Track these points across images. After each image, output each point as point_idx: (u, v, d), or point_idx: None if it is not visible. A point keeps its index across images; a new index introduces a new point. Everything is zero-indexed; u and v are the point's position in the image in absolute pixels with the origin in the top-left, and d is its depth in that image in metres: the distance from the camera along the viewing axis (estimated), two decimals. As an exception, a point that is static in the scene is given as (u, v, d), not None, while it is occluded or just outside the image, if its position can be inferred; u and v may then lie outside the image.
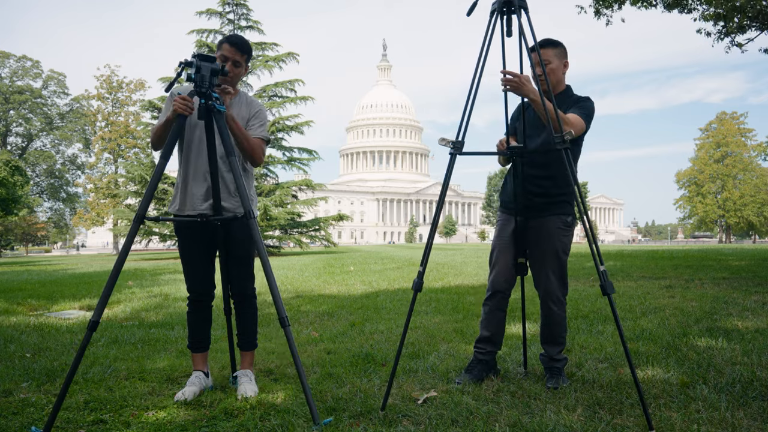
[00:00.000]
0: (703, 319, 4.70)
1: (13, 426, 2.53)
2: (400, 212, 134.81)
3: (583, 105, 3.05)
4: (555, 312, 3.11)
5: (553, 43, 3.08)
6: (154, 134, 2.91)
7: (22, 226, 54.40)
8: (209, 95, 2.67)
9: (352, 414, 2.56)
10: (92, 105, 52.81)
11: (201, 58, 2.67)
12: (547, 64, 3.03)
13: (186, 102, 2.70)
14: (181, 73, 2.66)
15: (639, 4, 11.47)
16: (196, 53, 2.69)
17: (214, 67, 2.68)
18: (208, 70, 2.66)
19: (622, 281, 8.18)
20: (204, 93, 2.66)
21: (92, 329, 2.56)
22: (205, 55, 2.69)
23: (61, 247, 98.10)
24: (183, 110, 2.70)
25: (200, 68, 2.66)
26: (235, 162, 2.73)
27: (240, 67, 2.98)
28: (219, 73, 2.70)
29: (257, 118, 3.06)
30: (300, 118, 28.97)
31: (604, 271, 2.51)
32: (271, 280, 2.67)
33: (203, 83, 2.66)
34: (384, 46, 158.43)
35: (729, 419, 2.35)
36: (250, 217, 2.72)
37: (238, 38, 2.98)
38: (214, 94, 2.68)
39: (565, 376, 3.04)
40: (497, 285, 3.18)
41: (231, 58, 2.94)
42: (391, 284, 8.91)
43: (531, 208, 3.08)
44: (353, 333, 4.57)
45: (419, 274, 2.74)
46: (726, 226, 67.19)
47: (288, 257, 23.35)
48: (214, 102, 2.68)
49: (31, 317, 6.09)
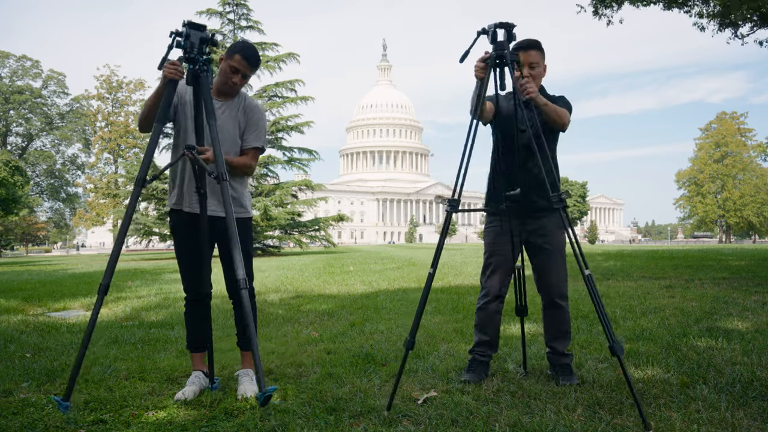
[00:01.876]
0: (703, 319, 4.70)
1: (13, 426, 2.53)
2: (400, 212, 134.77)
3: (565, 102, 3.10)
4: (563, 308, 3.14)
5: (539, 45, 3.07)
6: (144, 110, 2.88)
7: (22, 226, 54.42)
8: (197, 60, 2.68)
9: (352, 414, 2.56)
10: (92, 105, 52.87)
11: (191, 26, 2.68)
12: (536, 66, 3.03)
13: (175, 66, 2.70)
14: (172, 44, 2.67)
15: (638, 3, 11.47)
16: (186, 21, 2.69)
17: (203, 36, 2.69)
18: (197, 38, 2.68)
19: (622, 281, 8.18)
20: (192, 59, 2.67)
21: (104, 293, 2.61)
22: (195, 23, 2.69)
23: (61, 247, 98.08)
24: (173, 75, 2.70)
25: (189, 35, 2.67)
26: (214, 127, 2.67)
27: (246, 79, 2.96)
28: (208, 42, 2.71)
29: (254, 128, 3.02)
30: (300, 118, 28.98)
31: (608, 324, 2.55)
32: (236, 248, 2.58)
33: (192, 49, 2.67)
34: (384, 46, 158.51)
35: (729, 419, 2.35)
36: (223, 179, 2.63)
37: (253, 53, 2.93)
38: (201, 58, 2.69)
39: (576, 375, 3.04)
40: (497, 289, 3.17)
41: (242, 71, 2.91)
42: (391, 284, 8.91)
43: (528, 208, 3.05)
44: (353, 333, 4.57)
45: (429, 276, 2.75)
46: (726, 226, 67.20)
47: (288, 257, 23.35)
48: (201, 66, 2.69)
49: (31, 317, 6.09)
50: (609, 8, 11.82)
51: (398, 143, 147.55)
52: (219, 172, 2.65)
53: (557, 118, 2.97)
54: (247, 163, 3.03)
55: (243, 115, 3.01)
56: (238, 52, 2.89)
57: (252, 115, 3.02)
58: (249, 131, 3.02)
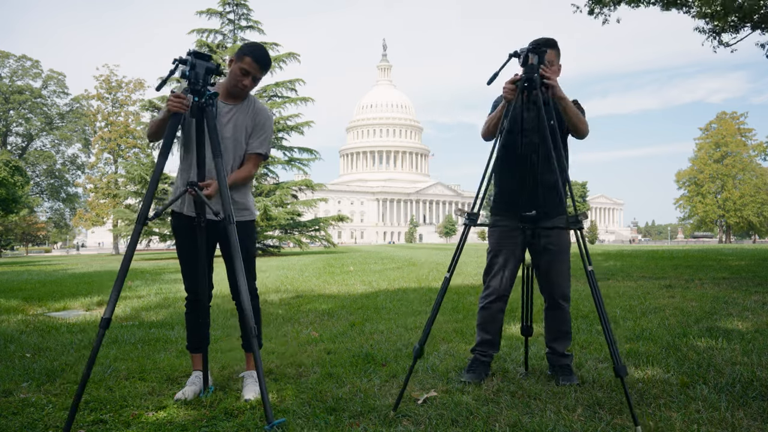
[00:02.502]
0: (703, 319, 4.70)
1: (13, 426, 2.53)
2: (400, 212, 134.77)
3: (581, 108, 3.07)
4: (564, 309, 3.14)
5: (555, 44, 3.07)
6: (151, 127, 2.88)
7: (22, 226, 54.41)
8: (203, 93, 2.63)
9: (352, 414, 2.56)
10: (92, 105, 52.82)
11: (196, 55, 2.63)
12: (552, 65, 3.00)
13: (180, 100, 2.65)
14: (174, 70, 2.62)
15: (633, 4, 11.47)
16: (191, 51, 2.63)
17: (209, 66, 2.63)
18: (203, 69, 2.62)
19: (622, 281, 8.18)
20: (198, 91, 2.63)
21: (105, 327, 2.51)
22: (201, 53, 2.64)
23: (61, 247, 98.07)
24: (177, 108, 2.65)
25: (195, 65, 2.61)
26: (220, 164, 2.66)
27: (256, 82, 2.90)
28: (214, 73, 2.65)
29: (261, 132, 2.98)
30: (300, 118, 29.00)
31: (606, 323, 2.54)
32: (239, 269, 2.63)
33: (197, 81, 2.61)
34: (384, 46, 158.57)
35: (729, 419, 2.35)
36: (230, 222, 2.65)
37: (263, 55, 2.87)
38: (207, 92, 2.64)
39: (576, 375, 3.04)
40: (503, 289, 3.17)
41: (252, 73, 2.86)
42: (391, 284, 8.91)
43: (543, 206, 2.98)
44: (353, 333, 4.57)
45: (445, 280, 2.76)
46: (726, 226, 67.20)
47: (288, 257, 23.35)
48: (207, 100, 2.64)
49: (31, 317, 6.09)
50: (606, 7, 11.82)
51: (398, 143, 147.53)
52: (227, 213, 2.62)
53: (578, 122, 2.95)
54: (248, 175, 2.99)
55: (251, 119, 2.96)
56: (248, 54, 2.83)
57: (259, 119, 2.97)
58: (254, 136, 2.98)
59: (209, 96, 2.65)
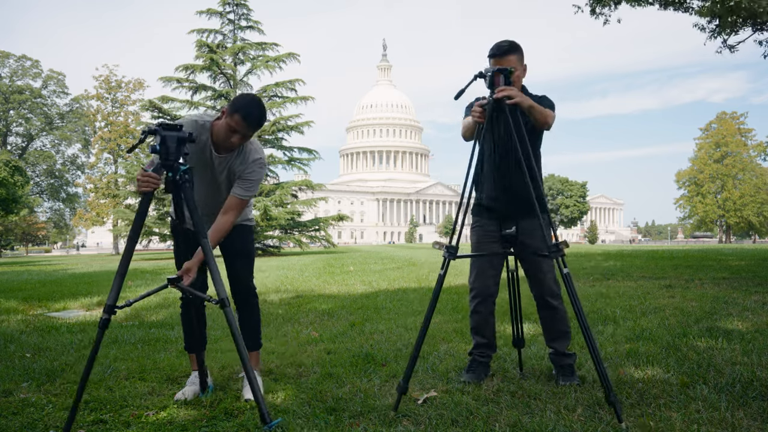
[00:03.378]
0: (703, 319, 4.70)
1: (13, 426, 2.53)
2: (400, 212, 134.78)
3: (548, 102, 3.05)
4: (557, 308, 3.12)
5: (515, 48, 2.97)
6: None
7: (22, 226, 54.44)
8: (177, 168, 2.46)
9: (352, 414, 2.56)
10: (92, 105, 52.85)
11: (165, 127, 2.43)
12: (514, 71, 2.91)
13: (149, 180, 2.48)
14: (143, 140, 2.41)
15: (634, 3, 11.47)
16: (159, 123, 2.44)
17: (181, 136, 2.44)
18: (174, 141, 2.42)
19: (622, 281, 8.18)
20: (171, 166, 2.45)
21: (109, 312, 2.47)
22: (170, 123, 2.46)
23: (61, 247, 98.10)
24: (146, 189, 2.49)
25: (165, 139, 2.41)
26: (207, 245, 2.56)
27: (247, 139, 2.76)
28: (187, 142, 2.46)
29: (247, 178, 2.84)
30: (300, 118, 29.01)
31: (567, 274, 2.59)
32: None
33: (168, 156, 2.42)
34: (384, 46, 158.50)
35: (729, 419, 2.35)
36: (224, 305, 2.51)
37: (253, 113, 2.67)
38: (181, 167, 2.47)
39: (577, 375, 3.04)
40: (488, 290, 3.16)
41: (240, 132, 2.70)
42: (391, 284, 8.91)
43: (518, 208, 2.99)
44: (353, 333, 4.57)
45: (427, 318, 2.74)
46: (726, 226, 67.22)
47: (288, 257, 23.36)
48: (182, 176, 2.48)
49: (31, 317, 6.10)
50: (607, 7, 11.81)
51: (398, 143, 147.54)
52: (221, 297, 2.50)
53: (542, 118, 2.95)
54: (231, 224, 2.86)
55: (241, 161, 2.85)
56: (238, 111, 2.65)
57: (247, 164, 2.83)
58: (241, 182, 2.86)
59: (184, 172, 2.48)
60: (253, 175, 2.86)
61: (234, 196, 2.87)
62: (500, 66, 2.84)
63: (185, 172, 2.48)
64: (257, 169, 2.86)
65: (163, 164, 2.45)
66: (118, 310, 2.49)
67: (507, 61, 2.93)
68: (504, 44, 2.96)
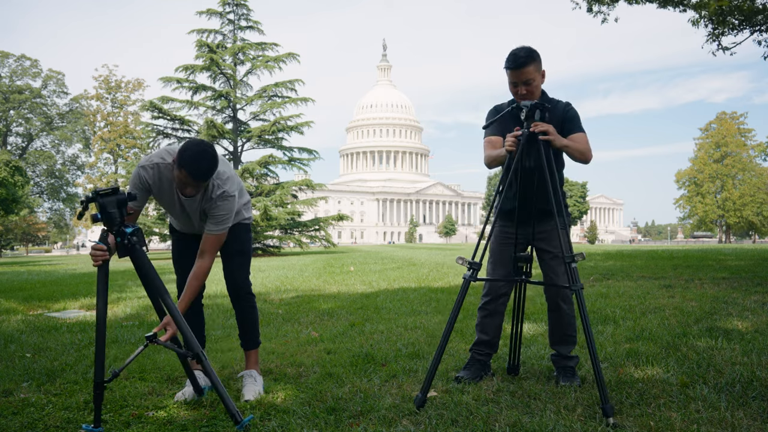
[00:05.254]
0: (703, 319, 4.70)
1: (13, 426, 2.53)
2: (400, 212, 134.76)
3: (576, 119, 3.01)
4: (565, 310, 3.11)
5: (532, 57, 2.87)
6: None
7: (23, 226, 54.43)
8: (123, 232, 2.40)
9: (352, 414, 2.56)
10: (91, 105, 52.89)
11: (101, 194, 2.35)
12: (532, 82, 2.89)
13: (99, 253, 2.43)
14: (85, 208, 2.35)
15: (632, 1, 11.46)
16: (94, 190, 2.37)
17: (120, 198, 2.38)
18: (114, 204, 2.36)
19: (621, 281, 8.18)
20: (119, 232, 2.39)
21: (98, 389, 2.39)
22: (105, 189, 2.37)
23: (61, 247, 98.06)
24: (97, 262, 2.44)
25: (104, 206, 2.35)
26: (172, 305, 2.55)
27: (201, 187, 2.69)
28: (127, 201, 2.41)
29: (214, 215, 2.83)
30: (300, 118, 29.02)
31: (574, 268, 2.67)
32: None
33: (113, 222, 2.37)
34: (384, 46, 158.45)
35: (729, 419, 2.35)
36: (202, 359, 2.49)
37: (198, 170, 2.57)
38: (127, 229, 2.41)
39: (578, 377, 3.04)
40: (499, 289, 3.17)
41: (190, 184, 2.64)
42: (391, 284, 8.91)
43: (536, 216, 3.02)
44: (353, 333, 4.57)
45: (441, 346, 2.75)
46: (726, 226, 67.23)
47: (288, 257, 23.36)
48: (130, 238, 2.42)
49: (31, 317, 6.09)
50: (604, 5, 11.80)
51: (398, 143, 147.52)
52: (195, 352, 2.46)
53: (580, 156, 2.92)
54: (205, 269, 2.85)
55: (207, 203, 2.83)
56: (184, 166, 2.57)
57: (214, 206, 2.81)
58: (210, 219, 2.85)
59: (131, 233, 2.42)
60: (219, 210, 2.81)
61: (207, 234, 2.85)
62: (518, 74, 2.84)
63: (132, 233, 2.43)
64: (221, 204, 2.81)
65: (109, 231, 2.42)
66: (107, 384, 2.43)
67: (525, 73, 2.86)
68: (521, 54, 2.85)
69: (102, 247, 2.44)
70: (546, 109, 2.76)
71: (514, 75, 2.88)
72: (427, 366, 3.36)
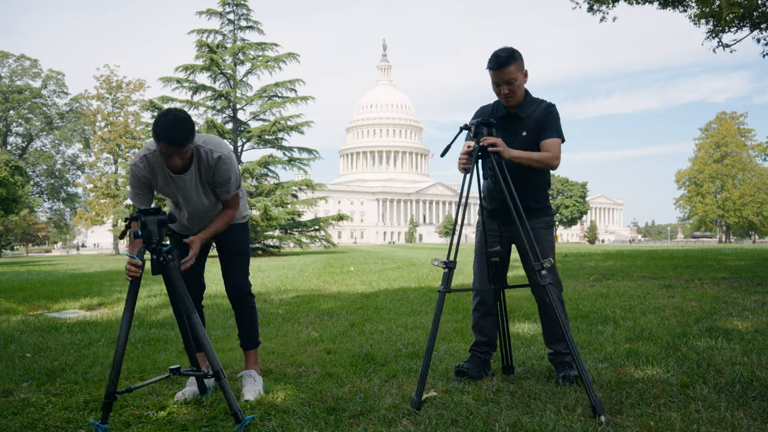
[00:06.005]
0: (703, 319, 4.70)
1: (13, 426, 2.53)
2: (400, 212, 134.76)
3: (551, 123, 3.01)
4: (553, 308, 3.10)
5: (514, 57, 2.91)
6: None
7: (23, 226, 54.44)
8: (159, 251, 2.54)
9: (352, 414, 2.56)
10: (92, 105, 52.87)
11: (145, 212, 2.52)
12: (513, 82, 2.91)
13: (135, 268, 2.53)
14: (128, 227, 2.54)
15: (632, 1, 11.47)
16: (140, 208, 2.54)
17: (161, 219, 2.54)
18: (155, 224, 2.52)
19: (621, 281, 8.18)
20: (154, 249, 2.53)
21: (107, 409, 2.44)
22: (150, 209, 2.54)
23: (61, 247, 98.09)
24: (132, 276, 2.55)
25: (146, 224, 2.51)
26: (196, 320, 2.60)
27: (186, 155, 2.69)
28: (168, 223, 2.56)
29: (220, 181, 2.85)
30: (300, 118, 29.03)
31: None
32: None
33: (151, 240, 2.51)
34: (384, 46, 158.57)
35: (729, 419, 2.35)
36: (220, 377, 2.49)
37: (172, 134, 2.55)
38: (164, 248, 2.54)
39: (575, 370, 3.03)
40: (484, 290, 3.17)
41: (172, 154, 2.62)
42: (391, 284, 8.91)
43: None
44: (353, 333, 4.57)
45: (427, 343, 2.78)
46: (726, 226, 67.23)
47: (288, 257, 23.36)
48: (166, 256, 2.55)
49: (31, 317, 6.09)
50: (604, 5, 11.81)
51: (398, 143, 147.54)
52: (215, 369, 2.50)
53: (538, 164, 2.94)
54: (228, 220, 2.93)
55: (208, 172, 2.82)
56: (160, 138, 2.57)
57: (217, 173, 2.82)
58: (219, 186, 2.87)
59: (167, 252, 2.55)
60: (223, 174, 2.82)
61: (224, 198, 2.93)
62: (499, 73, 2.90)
63: (168, 252, 2.56)
64: (223, 167, 2.81)
65: (147, 248, 2.54)
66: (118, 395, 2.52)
67: (506, 73, 2.90)
68: (502, 55, 2.90)
69: (138, 263, 2.54)
70: (492, 125, 2.84)
71: (496, 75, 2.92)
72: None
